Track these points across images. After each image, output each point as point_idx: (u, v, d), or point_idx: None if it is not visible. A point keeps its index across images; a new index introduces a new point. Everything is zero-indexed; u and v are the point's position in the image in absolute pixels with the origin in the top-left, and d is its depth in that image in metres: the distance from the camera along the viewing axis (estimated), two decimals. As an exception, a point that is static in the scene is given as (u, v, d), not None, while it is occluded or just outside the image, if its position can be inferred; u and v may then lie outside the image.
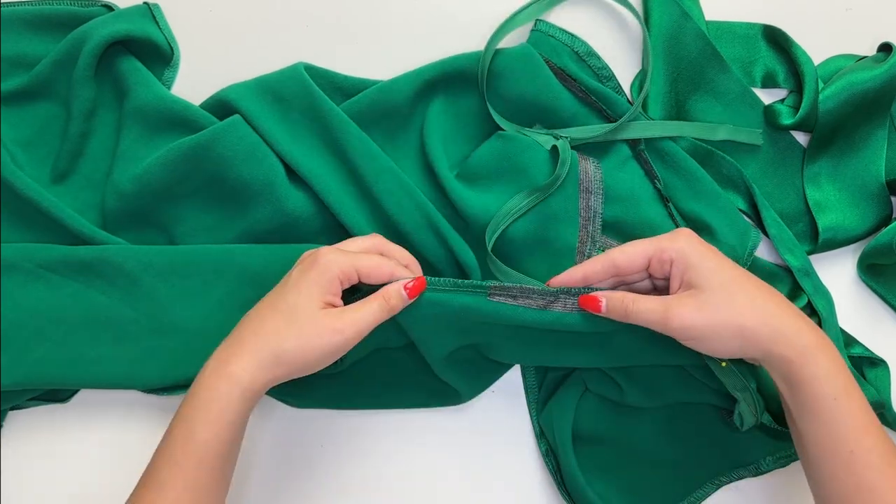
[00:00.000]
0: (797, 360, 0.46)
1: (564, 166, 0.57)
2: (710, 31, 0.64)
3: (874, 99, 0.61)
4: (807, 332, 0.47)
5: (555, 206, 0.58)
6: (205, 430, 0.44)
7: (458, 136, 0.62)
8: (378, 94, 0.61)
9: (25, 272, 0.57)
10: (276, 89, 0.60)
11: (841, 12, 0.66)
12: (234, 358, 0.46)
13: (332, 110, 0.59)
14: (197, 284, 0.58)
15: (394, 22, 0.66)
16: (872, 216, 0.62)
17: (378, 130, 0.61)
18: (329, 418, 0.60)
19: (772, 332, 0.46)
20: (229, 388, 0.45)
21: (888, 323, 0.62)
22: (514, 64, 0.61)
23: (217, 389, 0.45)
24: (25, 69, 0.63)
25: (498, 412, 0.61)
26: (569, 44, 0.63)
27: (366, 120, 0.60)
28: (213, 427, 0.44)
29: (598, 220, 0.59)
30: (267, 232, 0.59)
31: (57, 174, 0.62)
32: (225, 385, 0.45)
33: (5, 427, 0.60)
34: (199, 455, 0.44)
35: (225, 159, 0.58)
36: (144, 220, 0.60)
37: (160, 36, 0.64)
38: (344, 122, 0.59)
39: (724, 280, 0.47)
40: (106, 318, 0.57)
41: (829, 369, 0.46)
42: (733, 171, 0.62)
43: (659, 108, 0.62)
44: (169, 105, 0.60)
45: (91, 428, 0.60)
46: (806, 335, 0.46)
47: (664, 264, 0.49)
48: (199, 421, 0.45)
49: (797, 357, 0.46)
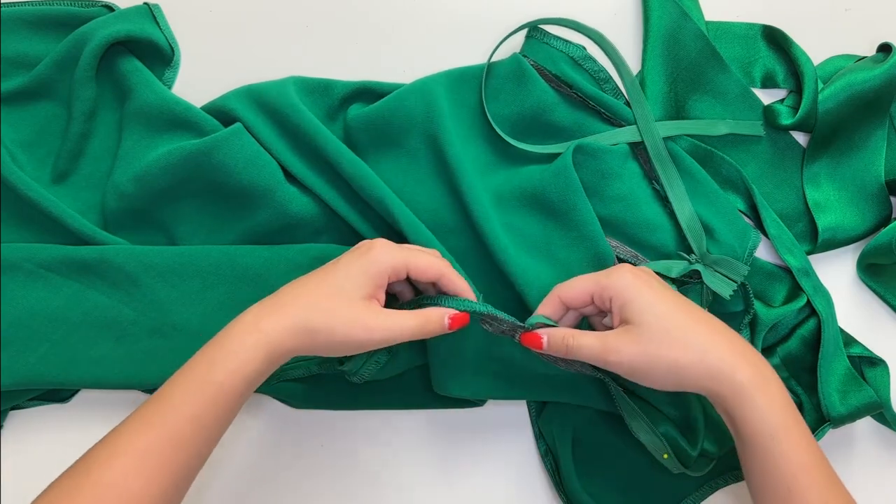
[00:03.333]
0: (732, 399, 0.45)
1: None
2: (709, 31, 0.64)
3: (873, 99, 0.61)
4: (743, 368, 0.46)
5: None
6: (224, 376, 0.45)
7: (470, 135, 0.62)
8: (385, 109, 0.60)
9: (25, 272, 0.58)
10: (266, 102, 0.60)
11: (840, 12, 0.66)
12: (268, 316, 0.47)
13: (322, 135, 0.59)
14: (197, 285, 0.58)
15: (394, 22, 0.66)
16: (872, 216, 0.62)
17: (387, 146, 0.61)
18: (329, 418, 0.60)
19: (706, 369, 0.46)
20: (255, 344, 0.45)
21: (888, 323, 0.62)
22: (505, 85, 0.61)
23: (244, 342, 0.45)
24: (26, 69, 0.63)
25: (497, 412, 0.61)
26: (563, 49, 0.63)
27: (374, 135, 0.60)
28: (232, 376, 0.45)
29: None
30: (267, 233, 0.60)
31: (57, 174, 0.62)
32: (253, 339, 0.46)
33: (5, 427, 0.60)
34: (212, 395, 0.45)
35: (225, 166, 0.58)
36: (145, 220, 0.60)
37: (160, 36, 0.64)
38: (336, 148, 0.58)
39: (659, 314, 0.47)
40: (106, 319, 0.57)
41: (766, 407, 0.45)
42: (733, 172, 0.62)
43: (659, 109, 0.62)
44: (171, 106, 0.60)
45: (91, 428, 0.59)
46: (742, 372, 0.45)
47: (605, 301, 0.49)
48: (220, 365, 0.45)
49: (732, 395, 0.45)
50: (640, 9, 0.65)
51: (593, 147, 0.59)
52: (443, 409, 0.61)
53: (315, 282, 0.49)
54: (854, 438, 0.60)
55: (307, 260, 0.58)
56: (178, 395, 0.45)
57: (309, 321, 0.46)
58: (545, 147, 0.61)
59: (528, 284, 0.56)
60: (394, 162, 0.60)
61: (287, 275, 0.58)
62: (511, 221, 0.59)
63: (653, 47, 0.63)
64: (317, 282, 0.49)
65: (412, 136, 0.60)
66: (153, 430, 0.44)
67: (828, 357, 0.58)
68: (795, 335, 0.60)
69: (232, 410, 0.46)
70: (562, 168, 0.58)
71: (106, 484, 0.42)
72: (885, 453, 0.60)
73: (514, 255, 0.56)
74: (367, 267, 0.49)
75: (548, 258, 0.58)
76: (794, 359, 0.60)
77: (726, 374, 0.46)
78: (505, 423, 0.61)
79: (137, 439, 0.43)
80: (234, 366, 0.45)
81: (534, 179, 0.59)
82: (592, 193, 0.59)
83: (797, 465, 0.45)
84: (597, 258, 0.57)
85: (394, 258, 0.49)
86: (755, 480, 0.46)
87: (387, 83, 0.63)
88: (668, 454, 0.54)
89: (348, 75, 0.63)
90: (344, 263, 0.49)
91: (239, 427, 0.60)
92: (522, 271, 0.56)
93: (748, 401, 0.45)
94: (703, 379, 0.46)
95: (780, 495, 0.45)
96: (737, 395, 0.45)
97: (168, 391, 0.45)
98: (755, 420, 0.45)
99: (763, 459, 0.45)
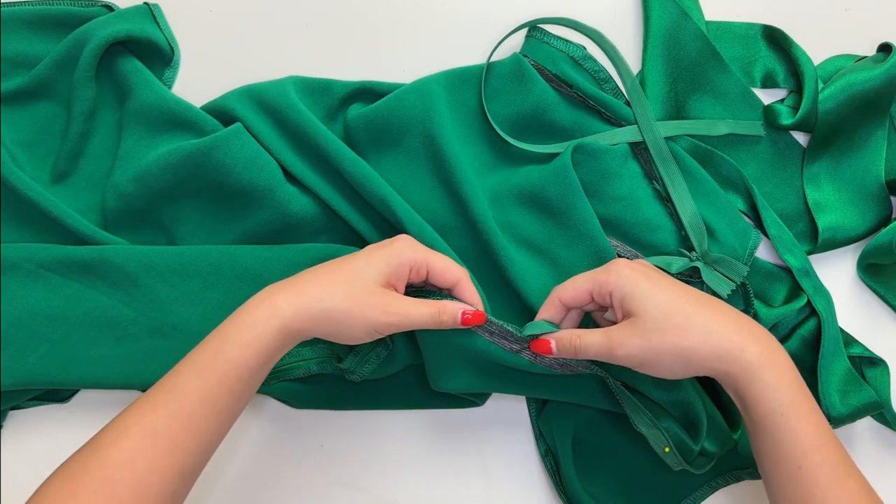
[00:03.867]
0: (742, 377, 0.46)
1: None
2: (709, 31, 0.64)
3: (874, 99, 0.61)
4: (750, 346, 0.46)
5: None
6: (236, 350, 0.45)
7: (469, 135, 0.62)
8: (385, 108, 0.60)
9: (25, 272, 0.57)
10: (266, 102, 0.60)
11: (840, 12, 0.66)
12: (283, 293, 0.47)
13: (323, 135, 0.58)
14: (197, 285, 0.58)
15: (394, 22, 0.66)
16: (872, 216, 0.62)
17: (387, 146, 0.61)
18: (329, 418, 0.60)
19: (712, 350, 0.46)
20: (269, 317, 0.45)
21: (888, 323, 0.62)
22: (505, 85, 0.61)
23: (257, 315, 0.46)
24: (26, 69, 0.63)
25: (497, 413, 0.61)
26: (563, 49, 0.63)
27: (373, 135, 0.60)
28: (245, 351, 0.45)
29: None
30: (267, 233, 0.60)
31: (57, 174, 0.62)
32: (266, 312, 0.46)
33: (5, 427, 0.60)
34: (224, 372, 0.44)
35: (225, 166, 0.58)
36: (145, 220, 0.60)
37: (160, 36, 0.64)
38: (337, 147, 0.58)
39: (659, 303, 0.47)
40: (106, 319, 0.57)
41: (776, 385, 0.45)
42: (733, 172, 0.62)
43: (659, 109, 0.62)
44: (171, 106, 0.60)
45: (91, 428, 0.59)
46: (749, 350, 0.46)
47: (605, 297, 0.50)
48: (232, 340, 0.45)
49: (741, 374, 0.45)
50: (640, 9, 0.65)
51: (593, 147, 0.59)
52: (442, 409, 0.60)
53: (334, 267, 0.49)
54: (854, 438, 0.60)
55: (307, 260, 0.58)
56: (189, 374, 0.45)
57: (324, 302, 0.47)
58: (545, 147, 0.61)
59: (527, 284, 0.56)
60: (393, 161, 0.60)
61: (287, 275, 0.57)
62: (510, 221, 0.59)
63: (653, 47, 0.63)
64: (335, 267, 0.49)
65: (411, 135, 0.60)
66: (162, 410, 0.43)
67: (828, 357, 0.58)
68: (795, 335, 0.60)
69: (244, 391, 0.46)
70: (561, 168, 0.58)
71: (113, 464, 0.41)
72: (885, 453, 0.60)
73: (513, 255, 0.56)
74: (389, 257, 0.49)
75: (548, 257, 0.58)
76: (795, 359, 0.58)
77: (734, 353, 0.46)
78: (505, 423, 0.61)
79: (145, 419, 0.43)
80: (246, 339, 0.45)
81: (533, 179, 0.59)
82: (592, 193, 0.59)
83: (808, 442, 0.45)
84: (597, 256, 0.57)
85: (416, 254, 0.50)
86: (764, 458, 0.46)
87: (386, 83, 0.63)
88: (669, 447, 0.54)
89: (348, 75, 0.63)
90: (366, 252, 0.50)
91: (239, 427, 0.60)
92: (522, 270, 0.56)
93: (757, 379, 0.45)
94: (710, 360, 0.46)
95: (790, 473, 0.45)
96: (746, 374, 0.45)
97: (179, 371, 0.45)
98: (765, 398, 0.45)
99: (774, 437, 0.45)
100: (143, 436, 0.42)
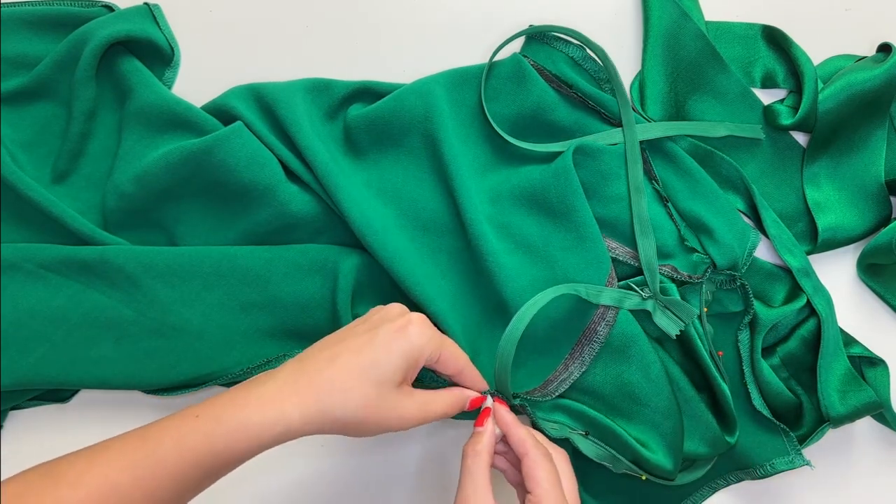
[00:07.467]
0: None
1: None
2: (709, 31, 0.64)
3: (873, 99, 0.61)
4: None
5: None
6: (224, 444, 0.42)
7: (469, 135, 0.62)
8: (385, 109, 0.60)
9: (25, 272, 0.58)
10: (264, 99, 0.60)
11: (840, 12, 0.66)
12: (295, 396, 0.43)
13: (305, 138, 0.58)
14: (197, 285, 0.58)
15: (394, 22, 0.66)
16: (872, 216, 0.62)
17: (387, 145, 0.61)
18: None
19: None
20: (273, 423, 0.43)
21: (887, 323, 0.62)
22: (505, 85, 0.62)
23: (265, 417, 0.43)
24: (26, 69, 0.63)
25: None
26: (563, 50, 0.63)
27: (374, 134, 0.61)
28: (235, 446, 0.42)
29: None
30: (268, 232, 0.60)
31: (57, 174, 0.62)
32: (272, 417, 0.43)
33: (5, 427, 0.60)
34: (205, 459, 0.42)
35: (226, 164, 0.58)
36: (145, 220, 0.60)
37: (160, 36, 0.64)
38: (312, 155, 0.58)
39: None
40: (106, 319, 0.57)
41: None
42: (732, 172, 0.62)
43: (659, 109, 0.62)
44: (171, 106, 0.60)
45: (91, 428, 0.60)
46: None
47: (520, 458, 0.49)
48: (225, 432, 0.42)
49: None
50: (640, 9, 0.65)
51: (593, 147, 0.59)
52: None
53: (352, 358, 0.45)
54: (854, 438, 0.60)
55: (307, 260, 0.58)
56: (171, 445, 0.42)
57: (337, 410, 0.44)
58: (545, 146, 0.61)
59: (512, 290, 0.56)
60: (394, 161, 0.60)
61: (287, 275, 0.58)
62: (509, 221, 0.59)
63: (653, 47, 0.63)
64: (354, 358, 0.45)
65: (411, 135, 0.60)
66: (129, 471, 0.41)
67: (828, 357, 0.58)
68: (795, 335, 0.60)
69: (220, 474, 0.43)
70: (562, 169, 0.58)
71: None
72: (885, 453, 0.60)
73: (503, 260, 0.57)
74: (409, 351, 0.46)
75: (545, 259, 0.58)
76: (794, 359, 0.60)
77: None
78: (505, 423, 0.61)
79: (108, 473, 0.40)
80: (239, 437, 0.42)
81: (533, 179, 0.59)
82: (592, 194, 0.59)
83: None
84: (595, 260, 0.57)
85: (433, 346, 0.47)
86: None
87: (387, 83, 0.63)
88: (645, 476, 0.55)
89: (348, 75, 0.63)
90: (383, 340, 0.46)
91: (239, 427, 0.60)
92: (509, 277, 0.56)
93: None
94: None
95: None
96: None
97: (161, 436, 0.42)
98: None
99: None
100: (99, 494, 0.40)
